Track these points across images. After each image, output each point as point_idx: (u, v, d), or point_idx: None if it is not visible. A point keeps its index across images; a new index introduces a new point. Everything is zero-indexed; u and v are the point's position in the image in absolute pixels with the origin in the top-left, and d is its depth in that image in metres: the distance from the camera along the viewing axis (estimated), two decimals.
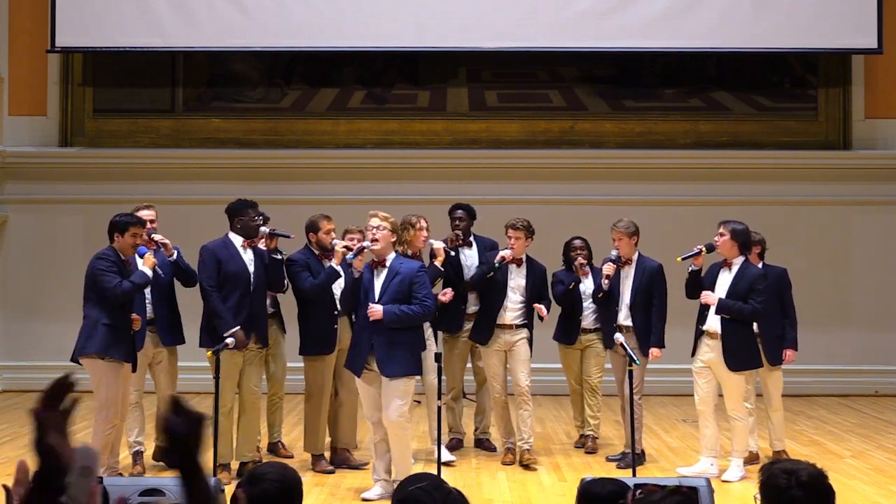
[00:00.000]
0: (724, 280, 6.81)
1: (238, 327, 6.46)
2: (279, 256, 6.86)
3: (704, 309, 6.86)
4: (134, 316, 6.34)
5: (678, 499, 2.53)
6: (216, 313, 6.56)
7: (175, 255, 6.93)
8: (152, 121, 10.98)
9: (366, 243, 6.30)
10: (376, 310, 6.01)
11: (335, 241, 6.92)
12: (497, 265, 7.17)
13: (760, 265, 7.23)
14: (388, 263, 6.15)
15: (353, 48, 10.57)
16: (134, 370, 6.44)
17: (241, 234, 6.72)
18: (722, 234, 6.83)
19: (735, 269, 6.79)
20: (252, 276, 6.67)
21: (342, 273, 6.85)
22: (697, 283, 6.90)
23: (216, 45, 10.57)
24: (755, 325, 7.14)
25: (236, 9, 10.39)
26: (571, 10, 10.41)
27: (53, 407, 1.95)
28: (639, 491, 2.79)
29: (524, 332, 7.22)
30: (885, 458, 7.52)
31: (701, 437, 6.97)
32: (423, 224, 7.26)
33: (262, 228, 6.80)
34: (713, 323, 6.77)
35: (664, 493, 2.59)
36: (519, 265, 7.26)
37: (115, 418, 6.21)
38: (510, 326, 7.19)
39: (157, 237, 6.91)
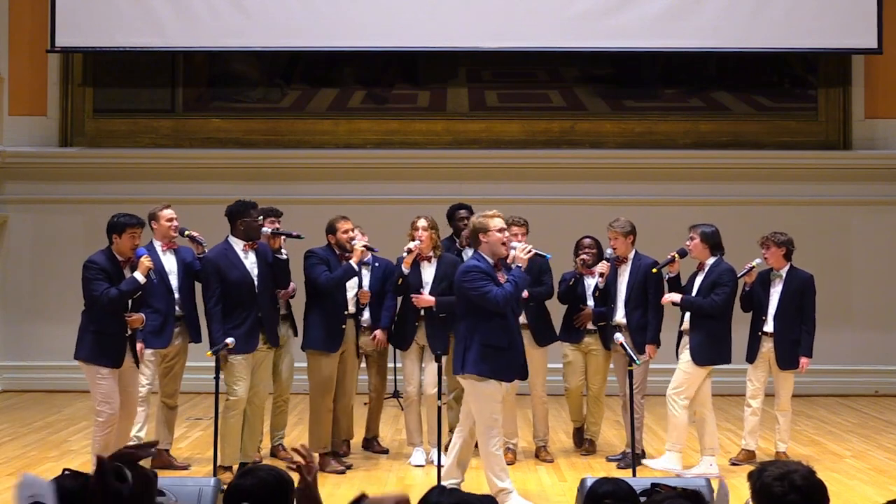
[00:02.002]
0: (698, 282, 6.90)
1: (226, 342, 6.40)
2: (283, 256, 6.84)
3: (684, 311, 6.95)
4: (136, 316, 6.33)
5: (682, 502, 2.53)
6: (210, 330, 6.60)
7: (206, 253, 6.95)
8: (152, 121, 10.98)
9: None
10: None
11: (355, 241, 6.93)
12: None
13: (787, 266, 7.25)
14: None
15: (353, 48, 10.57)
16: (138, 365, 6.45)
17: (243, 237, 6.69)
18: (692, 238, 6.92)
19: (707, 268, 6.86)
20: (256, 279, 6.65)
21: (358, 271, 6.94)
22: (676, 289, 6.99)
23: (216, 45, 10.58)
24: (772, 326, 7.15)
25: (236, 9, 10.39)
26: (571, 10, 10.41)
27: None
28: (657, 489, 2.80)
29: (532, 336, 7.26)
30: (885, 458, 7.52)
31: (698, 437, 6.98)
32: (420, 224, 7.24)
33: (265, 229, 6.81)
34: (687, 322, 6.89)
35: (668, 493, 2.59)
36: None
37: (111, 419, 6.19)
38: (524, 326, 7.18)
39: (193, 233, 6.99)
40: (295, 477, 2.90)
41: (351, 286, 7.07)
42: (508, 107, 11.05)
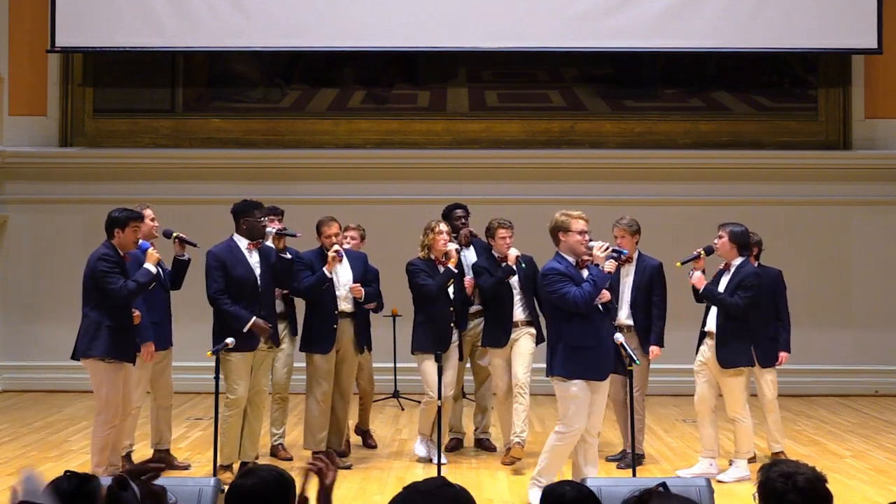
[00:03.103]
0: (724, 282, 6.82)
1: (254, 317, 6.44)
2: (288, 256, 6.81)
3: (707, 311, 6.89)
4: (136, 312, 6.34)
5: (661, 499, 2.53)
6: (230, 315, 6.51)
7: (187, 256, 6.96)
8: (152, 121, 10.98)
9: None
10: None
11: (335, 247, 6.94)
12: (522, 264, 7.17)
13: (756, 266, 7.25)
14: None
15: (353, 48, 10.57)
16: (133, 362, 6.42)
17: (247, 236, 6.69)
18: (721, 237, 6.83)
19: (733, 269, 6.81)
20: (259, 278, 6.66)
21: (330, 278, 6.92)
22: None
23: (216, 45, 10.57)
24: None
25: (236, 9, 10.39)
26: (571, 10, 10.41)
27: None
28: None
29: (530, 328, 7.22)
30: (885, 458, 7.52)
31: (700, 437, 6.97)
32: (442, 228, 7.24)
33: (269, 229, 6.82)
34: (712, 324, 6.80)
35: (638, 498, 2.56)
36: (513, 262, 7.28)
37: (114, 419, 6.17)
38: (516, 324, 7.19)
39: (182, 235, 6.98)
40: (299, 481, 2.89)
41: (344, 283, 7.06)
42: (508, 107, 11.04)
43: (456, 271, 7.14)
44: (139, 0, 10.36)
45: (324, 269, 6.90)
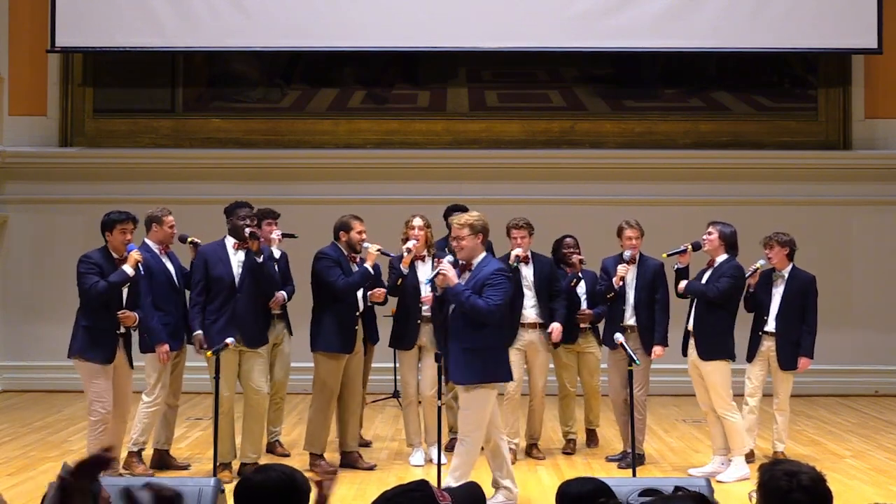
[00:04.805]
0: (705, 278, 6.86)
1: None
2: (260, 259, 6.68)
3: (690, 308, 6.91)
4: (128, 313, 6.34)
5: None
6: (189, 316, 6.76)
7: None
8: (152, 121, 10.98)
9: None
10: (448, 271, 5.68)
11: (366, 245, 6.92)
12: (515, 265, 7.16)
13: (790, 267, 7.23)
14: (472, 266, 5.85)
15: (353, 48, 10.57)
16: (132, 366, 6.53)
17: (233, 236, 6.75)
18: (710, 234, 6.86)
19: (715, 265, 6.84)
20: (237, 278, 6.67)
21: (374, 274, 6.96)
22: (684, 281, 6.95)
23: (216, 45, 10.57)
24: (773, 325, 7.13)
25: (236, 9, 10.39)
26: (571, 10, 10.41)
27: (84, 478, 2.04)
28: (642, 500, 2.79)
29: (544, 330, 7.25)
30: (885, 458, 7.52)
31: (711, 436, 6.97)
32: (416, 223, 7.23)
33: (274, 234, 6.89)
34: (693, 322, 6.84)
35: (679, 495, 2.59)
36: (527, 263, 7.28)
37: (104, 418, 6.23)
38: (533, 325, 7.22)
39: (196, 240, 7.03)
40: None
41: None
42: (508, 107, 11.04)
43: (405, 270, 7.08)
44: (139, 0, 10.36)
45: (366, 265, 6.88)
